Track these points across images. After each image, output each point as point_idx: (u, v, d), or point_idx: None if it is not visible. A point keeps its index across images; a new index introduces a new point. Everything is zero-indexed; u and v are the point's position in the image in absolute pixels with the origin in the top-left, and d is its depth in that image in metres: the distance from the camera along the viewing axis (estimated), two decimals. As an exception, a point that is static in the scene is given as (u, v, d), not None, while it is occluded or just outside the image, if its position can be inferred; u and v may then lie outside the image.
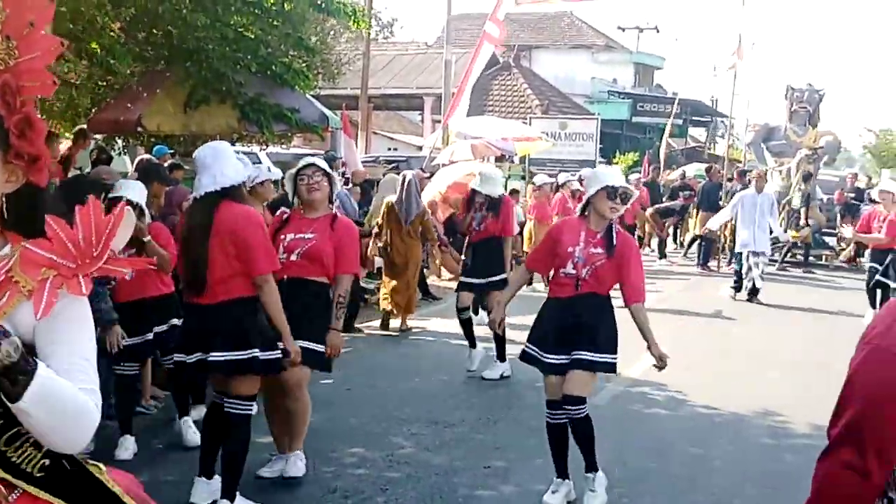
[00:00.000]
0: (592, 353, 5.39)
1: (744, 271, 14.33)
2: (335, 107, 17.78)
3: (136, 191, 6.05)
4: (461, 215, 9.38)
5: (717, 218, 15.74)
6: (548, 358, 5.48)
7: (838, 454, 2.07)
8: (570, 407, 5.44)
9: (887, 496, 2.12)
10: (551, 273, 5.64)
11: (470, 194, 9.27)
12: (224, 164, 4.99)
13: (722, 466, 6.44)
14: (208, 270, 4.89)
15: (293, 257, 5.54)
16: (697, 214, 19.05)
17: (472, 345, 8.97)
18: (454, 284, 14.01)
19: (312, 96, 14.07)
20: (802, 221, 19.84)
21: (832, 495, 2.10)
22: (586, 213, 5.51)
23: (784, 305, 13.99)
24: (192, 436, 6.20)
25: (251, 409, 5.09)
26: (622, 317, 5.51)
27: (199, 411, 6.24)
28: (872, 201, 14.52)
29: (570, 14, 42.93)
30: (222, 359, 4.92)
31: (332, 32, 18.11)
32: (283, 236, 5.59)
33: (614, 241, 5.43)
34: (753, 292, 14.20)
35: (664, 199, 22.01)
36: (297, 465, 5.69)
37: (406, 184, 10.48)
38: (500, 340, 8.54)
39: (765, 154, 22.70)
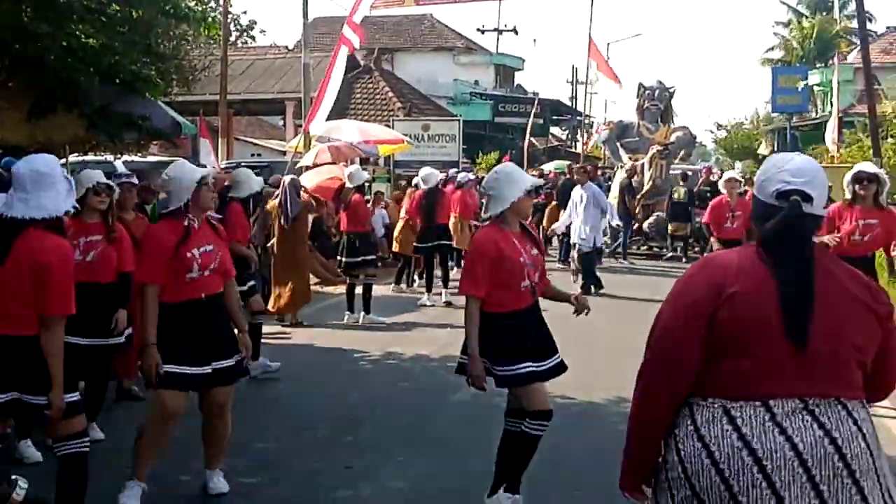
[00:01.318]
0: (557, 355, 5.41)
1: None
2: (193, 113, 17.53)
3: None
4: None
5: (563, 217, 16.17)
6: (537, 366, 5.27)
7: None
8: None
9: (673, 431, 2.83)
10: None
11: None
12: (44, 192, 4.49)
13: (578, 453, 6.64)
14: None
15: (206, 273, 5.38)
16: (559, 212, 19.48)
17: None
18: (318, 288, 14.07)
19: (167, 103, 13.82)
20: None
21: (660, 370, 2.86)
22: (498, 219, 5.20)
23: (642, 298, 14.46)
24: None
25: (88, 444, 4.79)
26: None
27: None
28: (716, 192, 15.14)
29: (430, 17, 43.33)
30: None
31: (186, 38, 17.80)
32: (188, 253, 5.30)
33: (534, 235, 5.42)
34: (584, 286, 14.65)
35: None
36: (222, 480, 5.69)
37: (286, 187, 10.90)
38: (258, 338, 8.64)
39: (620, 151, 23.44)
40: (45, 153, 4.91)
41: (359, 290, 12.12)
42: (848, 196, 7.91)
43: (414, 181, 16.11)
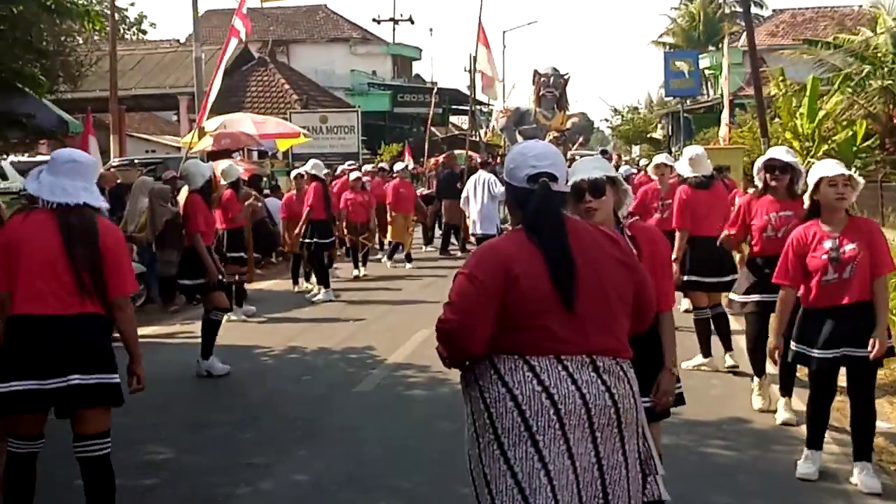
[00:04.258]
0: None
1: None
2: (84, 111, 17.06)
3: None
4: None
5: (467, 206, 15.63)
6: None
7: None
8: None
9: (478, 383, 3.13)
10: None
11: None
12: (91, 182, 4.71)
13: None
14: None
15: None
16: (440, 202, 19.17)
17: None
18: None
19: (54, 101, 13.45)
20: None
21: (456, 339, 3.15)
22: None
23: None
24: None
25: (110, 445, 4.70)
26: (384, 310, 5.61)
27: None
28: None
29: (324, 7, 43.04)
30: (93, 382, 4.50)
31: (71, 34, 17.29)
32: None
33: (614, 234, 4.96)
34: None
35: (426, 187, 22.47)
36: None
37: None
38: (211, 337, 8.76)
39: (517, 137, 23.66)
40: None
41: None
42: (759, 185, 6.93)
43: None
